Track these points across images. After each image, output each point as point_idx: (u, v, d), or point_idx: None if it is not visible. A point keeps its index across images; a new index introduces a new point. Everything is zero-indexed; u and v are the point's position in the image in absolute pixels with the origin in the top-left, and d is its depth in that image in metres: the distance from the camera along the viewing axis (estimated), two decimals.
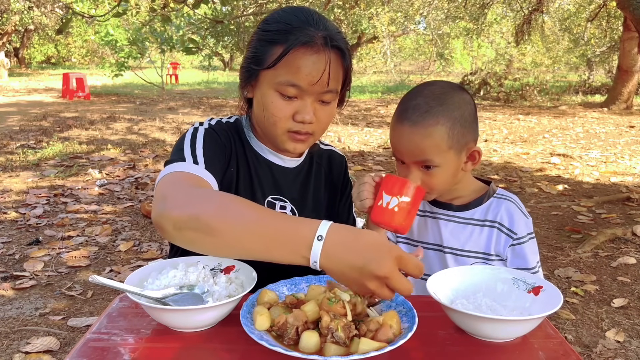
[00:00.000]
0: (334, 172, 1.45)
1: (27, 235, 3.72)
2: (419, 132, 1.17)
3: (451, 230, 1.30)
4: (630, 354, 2.40)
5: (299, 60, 1.12)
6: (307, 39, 1.12)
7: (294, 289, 1.04)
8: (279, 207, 1.32)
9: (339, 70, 1.17)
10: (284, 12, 1.20)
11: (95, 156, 6.28)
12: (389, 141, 1.29)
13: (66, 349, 2.38)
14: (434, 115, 1.17)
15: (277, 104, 1.16)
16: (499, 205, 1.29)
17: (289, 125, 1.18)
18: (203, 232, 0.88)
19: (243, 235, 0.87)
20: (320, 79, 1.13)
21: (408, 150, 1.20)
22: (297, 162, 1.36)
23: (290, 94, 1.15)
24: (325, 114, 1.20)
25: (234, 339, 0.92)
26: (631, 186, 5.19)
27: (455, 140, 1.19)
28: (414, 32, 19.60)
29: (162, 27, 10.04)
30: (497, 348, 0.93)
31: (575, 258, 3.47)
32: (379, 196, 1.16)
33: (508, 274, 1.07)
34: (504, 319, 0.92)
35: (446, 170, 1.21)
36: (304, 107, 1.16)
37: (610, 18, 14.01)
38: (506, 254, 1.28)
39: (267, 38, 1.17)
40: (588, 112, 11.28)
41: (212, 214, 0.89)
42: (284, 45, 1.12)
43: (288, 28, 1.14)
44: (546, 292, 1.00)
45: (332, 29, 1.18)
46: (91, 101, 12.44)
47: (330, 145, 1.50)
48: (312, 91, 1.15)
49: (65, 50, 28.58)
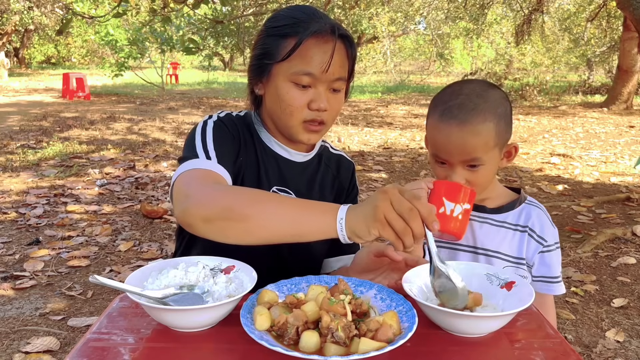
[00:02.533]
0: (341, 176, 1.48)
1: (27, 235, 3.72)
2: (468, 130, 1.15)
3: (486, 232, 1.28)
4: (630, 354, 2.40)
5: (312, 49, 1.19)
6: (316, 29, 1.18)
7: (294, 289, 1.04)
8: None
9: (346, 58, 1.24)
10: (289, 10, 1.27)
11: (95, 156, 6.28)
12: (426, 142, 1.27)
13: (66, 349, 2.38)
14: (481, 113, 1.16)
15: (293, 93, 1.22)
16: (530, 212, 1.29)
17: (304, 115, 1.23)
18: (235, 220, 0.97)
19: (273, 215, 0.97)
20: (330, 66, 1.19)
21: (458, 149, 1.17)
22: (304, 157, 1.39)
23: (305, 82, 1.21)
24: (336, 102, 1.26)
25: (234, 339, 0.92)
26: (631, 186, 5.20)
27: (500, 137, 1.19)
28: (414, 32, 19.62)
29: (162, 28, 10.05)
30: (498, 348, 0.93)
31: (575, 258, 3.47)
32: (439, 203, 1.12)
33: (482, 270, 1.09)
34: (477, 315, 0.93)
35: (490, 168, 1.21)
36: (318, 95, 1.22)
37: (610, 18, 14.02)
38: (534, 260, 1.28)
39: (278, 33, 1.22)
40: (588, 112, 11.28)
41: (243, 203, 0.99)
42: (296, 37, 1.18)
43: (297, 21, 1.21)
44: (518, 288, 1.01)
45: (337, 22, 1.25)
46: (91, 101, 12.44)
47: (340, 151, 1.53)
48: (324, 79, 1.21)
49: (65, 50, 28.58)
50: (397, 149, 7.18)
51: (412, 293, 0.96)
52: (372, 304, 0.98)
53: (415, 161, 6.37)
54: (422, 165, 6.18)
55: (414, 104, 13.23)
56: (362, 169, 5.89)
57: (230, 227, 0.98)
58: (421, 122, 9.89)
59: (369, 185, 5.20)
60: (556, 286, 1.29)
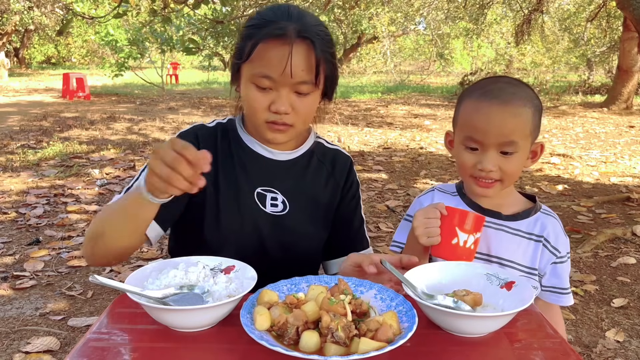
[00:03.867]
0: (336, 172, 1.44)
1: (27, 235, 3.72)
2: (509, 110, 1.15)
3: (501, 240, 1.25)
4: (630, 354, 2.40)
5: (269, 51, 1.17)
6: (277, 31, 1.17)
7: (294, 289, 1.04)
8: (270, 197, 1.34)
9: (309, 61, 1.19)
10: (265, 9, 1.26)
11: (95, 156, 6.28)
12: (462, 120, 1.22)
13: (66, 349, 2.38)
14: (521, 98, 1.17)
15: (254, 95, 1.22)
16: (545, 221, 1.27)
17: (266, 116, 1.23)
18: (92, 239, 1.17)
19: (108, 217, 1.16)
20: (286, 69, 1.16)
21: (497, 129, 1.15)
22: (289, 155, 1.37)
23: (264, 85, 1.20)
24: (303, 105, 1.23)
25: (234, 339, 0.92)
26: (631, 186, 5.19)
27: (535, 125, 1.19)
28: (414, 32, 19.62)
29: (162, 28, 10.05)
30: (498, 348, 0.93)
31: (575, 258, 3.47)
32: (452, 233, 1.11)
33: (482, 270, 1.09)
34: (477, 315, 0.93)
35: (521, 158, 1.19)
36: (278, 98, 1.20)
37: (610, 18, 14.01)
38: (546, 270, 1.26)
39: (245, 33, 1.23)
40: (588, 112, 11.28)
41: (92, 225, 1.19)
42: (255, 38, 1.18)
43: (262, 22, 1.20)
44: (518, 288, 1.01)
45: (310, 22, 1.22)
46: (91, 101, 12.45)
47: (337, 145, 1.50)
48: (285, 82, 1.19)
49: (65, 50, 28.59)
50: (397, 149, 7.18)
51: (412, 293, 0.96)
52: (372, 304, 0.98)
53: (415, 161, 6.37)
54: (422, 165, 6.18)
55: (414, 104, 13.23)
56: (362, 169, 5.89)
57: (95, 245, 1.17)
58: (421, 122, 9.88)
59: (369, 185, 5.19)
60: (566, 297, 1.27)
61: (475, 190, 1.23)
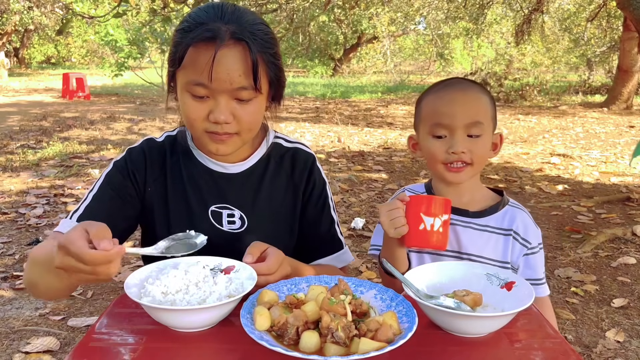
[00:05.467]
0: (296, 173, 1.32)
1: (27, 235, 3.72)
2: (470, 95, 1.24)
3: (469, 237, 1.28)
4: (630, 354, 2.40)
5: (200, 56, 1.07)
6: (207, 33, 1.07)
7: (294, 289, 1.04)
8: (226, 215, 1.26)
9: (245, 64, 1.08)
10: (197, 9, 1.15)
11: (95, 156, 6.28)
12: (425, 114, 1.28)
13: (66, 349, 2.38)
14: (478, 88, 1.28)
15: (190, 104, 1.12)
16: (514, 214, 1.29)
17: (205, 126, 1.13)
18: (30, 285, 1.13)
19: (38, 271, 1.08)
20: (220, 75, 1.07)
21: (462, 110, 1.21)
22: (242, 166, 1.28)
23: (199, 93, 1.10)
24: (245, 113, 1.13)
25: (234, 339, 0.92)
26: (631, 186, 5.19)
27: (493, 114, 1.26)
28: (414, 32, 19.62)
29: (162, 28, 10.03)
30: (498, 348, 0.93)
31: (575, 258, 3.47)
32: (418, 220, 1.11)
33: (482, 270, 1.09)
34: (477, 315, 0.94)
35: (487, 142, 1.25)
36: (216, 107, 1.10)
37: (610, 18, 14.01)
38: (518, 263, 1.28)
39: (176, 38, 1.13)
40: (588, 112, 11.27)
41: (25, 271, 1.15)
42: (185, 43, 1.09)
43: (192, 25, 1.10)
44: (518, 288, 1.02)
45: (247, 21, 1.11)
46: (91, 101, 12.44)
47: (298, 142, 1.37)
48: (221, 89, 1.09)
49: (65, 50, 28.57)
50: (397, 149, 7.17)
51: (412, 293, 0.96)
52: (372, 304, 0.98)
53: (415, 161, 6.37)
54: (422, 165, 6.18)
55: (414, 104, 13.21)
56: (362, 169, 5.89)
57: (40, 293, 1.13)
58: None
59: (369, 186, 5.20)
60: (541, 288, 1.29)
61: (447, 177, 1.25)
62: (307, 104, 12.54)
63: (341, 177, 5.41)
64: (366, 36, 20.79)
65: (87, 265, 0.86)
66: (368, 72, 19.83)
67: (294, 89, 15.59)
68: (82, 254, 0.85)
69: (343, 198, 4.66)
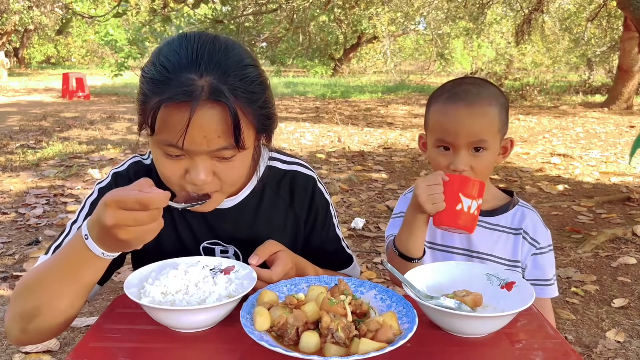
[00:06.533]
0: (296, 199, 1.21)
1: (27, 235, 3.72)
2: (476, 111, 1.18)
3: (480, 236, 1.28)
4: (630, 354, 2.40)
5: (173, 118, 0.93)
6: (180, 95, 0.92)
7: (294, 289, 1.04)
8: (219, 251, 1.20)
9: (225, 124, 0.94)
10: (169, 50, 0.98)
11: (95, 156, 6.28)
12: (432, 123, 1.24)
13: (66, 349, 2.38)
14: (486, 98, 1.21)
15: (164, 163, 1.00)
16: (524, 214, 1.30)
17: (182, 183, 1.01)
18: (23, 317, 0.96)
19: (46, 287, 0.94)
20: (196, 139, 0.94)
21: (466, 130, 1.18)
22: (234, 200, 1.17)
23: (174, 153, 0.97)
24: (227, 169, 1.00)
25: (234, 339, 0.92)
26: (631, 186, 5.19)
27: (502, 123, 1.23)
28: (414, 32, 19.61)
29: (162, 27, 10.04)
30: (498, 348, 0.92)
31: (575, 258, 3.46)
32: (456, 199, 1.10)
33: (482, 270, 1.09)
34: (477, 315, 0.94)
35: (492, 155, 1.22)
36: (193, 168, 0.98)
37: (611, 18, 14.01)
38: (526, 262, 1.28)
39: (145, 87, 0.99)
40: (588, 112, 11.27)
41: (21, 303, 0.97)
42: (155, 99, 0.95)
43: (163, 78, 0.94)
44: (519, 288, 1.02)
45: (228, 65, 0.96)
46: (91, 101, 12.44)
47: (296, 161, 1.24)
48: (198, 151, 0.96)
49: (65, 50, 28.59)
50: (397, 149, 7.17)
51: (412, 293, 0.96)
52: (372, 305, 0.98)
53: (416, 161, 6.37)
54: (422, 165, 6.18)
55: (414, 104, 13.22)
56: (362, 169, 5.89)
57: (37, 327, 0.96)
58: (421, 122, 9.86)
59: (369, 186, 5.19)
60: (549, 289, 1.29)
61: None
62: (307, 104, 12.54)
63: (341, 177, 5.41)
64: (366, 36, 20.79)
65: (148, 210, 0.82)
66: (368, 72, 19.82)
67: (294, 88, 15.59)
68: (143, 197, 0.81)
69: (343, 198, 4.66)
